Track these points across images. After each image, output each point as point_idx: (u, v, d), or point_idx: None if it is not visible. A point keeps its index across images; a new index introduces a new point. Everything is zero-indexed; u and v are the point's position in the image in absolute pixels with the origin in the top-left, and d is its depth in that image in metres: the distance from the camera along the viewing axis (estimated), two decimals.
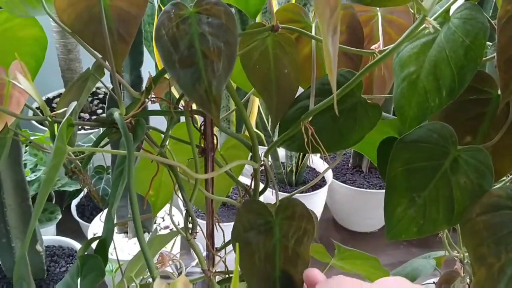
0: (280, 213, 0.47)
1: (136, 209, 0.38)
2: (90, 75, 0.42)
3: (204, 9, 0.38)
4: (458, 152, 0.44)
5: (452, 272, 0.85)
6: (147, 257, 0.35)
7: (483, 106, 0.48)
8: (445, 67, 0.43)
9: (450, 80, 0.42)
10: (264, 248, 0.45)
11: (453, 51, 0.43)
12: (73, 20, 0.37)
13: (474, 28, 0.42)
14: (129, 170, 0.37)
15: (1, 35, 0.43)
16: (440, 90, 0.42)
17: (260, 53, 0.45)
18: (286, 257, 0.45)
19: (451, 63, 0.42)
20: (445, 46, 0.43)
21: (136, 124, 0.43)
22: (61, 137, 0.34)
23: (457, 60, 0.42)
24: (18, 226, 1.00)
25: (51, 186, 0.33)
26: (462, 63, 0.41)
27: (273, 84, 0.46)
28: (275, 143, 0.50)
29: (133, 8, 0.37)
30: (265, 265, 0.45)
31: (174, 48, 0.38)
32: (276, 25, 0.44)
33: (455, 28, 0.43)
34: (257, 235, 0.46)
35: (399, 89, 0.45)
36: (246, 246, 0.46)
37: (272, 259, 0.45)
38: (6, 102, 0.38)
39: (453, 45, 0.43)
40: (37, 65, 0.46)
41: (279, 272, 0.45)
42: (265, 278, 0.45)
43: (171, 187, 0.58)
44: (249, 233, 0.46)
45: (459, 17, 0.42)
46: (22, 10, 0.39)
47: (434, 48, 0.44)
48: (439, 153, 0.45)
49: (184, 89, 0.37)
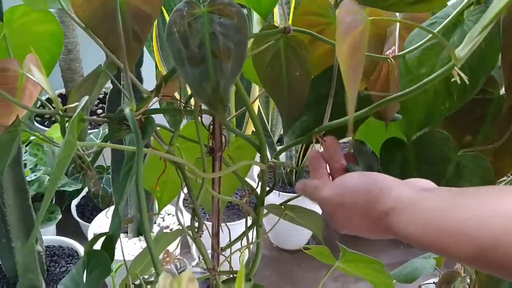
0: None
1: (144, 206, 0.38)
2: (102, 71, 0.42)
3: (217, 9, 0.38)
4: (460, 158, 0.45)
5: (452, 272, 0.86)
6: (152, 253, 0.36)
7: (485, 106, 0.49)
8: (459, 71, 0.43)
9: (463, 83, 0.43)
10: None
11: None
12: (88, 16, 0.37)
13: (489, 33, 0.42)
14: (138, 167, 0.38)
15: (18, 29, 0.43)
16: (451, 94, 0.42)
17: (272, 55, 0.45)
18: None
19: (466, 67, 0.42)
20: None
21: (146, 121, 0.43)
22: (72, 131, 0.34)
23: (471, 64, 0.41)
24: (18, 226, 0.99)
25: (60, 179, 0.33)
26: (475, 67, 0.41)
27: (284, 86, 0.47)
28: (284, 148, 0.51)
29: (147, 6, 0.38)
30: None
31: (185, 45, 0.38)
32: (288, 27, 0.44)
33: (470, 31, 0.43)
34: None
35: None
36: None
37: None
38: (20, 94, 0.38)
39: None
40: (52, 60, 0.46)
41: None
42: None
43: (176, 184, 0.58)
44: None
45: (474, 20, 0.42)
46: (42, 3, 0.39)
47: (447, 52, 0.44)
48: (441, 159, 0.45)
49: (191, 87, 0.38)
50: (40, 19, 0.43)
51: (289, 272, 1.47)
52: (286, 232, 1.50)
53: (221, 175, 0.51)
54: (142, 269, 0.60)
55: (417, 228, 0.34)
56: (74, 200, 1.46)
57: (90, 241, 0.46)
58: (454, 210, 0.33)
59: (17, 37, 0.43)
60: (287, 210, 0.57)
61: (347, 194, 0.40)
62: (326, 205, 0.42)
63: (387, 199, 0.37)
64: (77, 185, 1.37)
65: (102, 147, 0.44)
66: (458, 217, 0.32)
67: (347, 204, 0.40)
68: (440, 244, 0.33)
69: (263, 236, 0.55)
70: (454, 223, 0.33)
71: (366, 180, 0.39)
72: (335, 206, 0.41)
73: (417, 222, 0.35)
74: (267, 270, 1.47)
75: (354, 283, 1.39)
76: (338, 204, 0.41)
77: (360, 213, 0.39)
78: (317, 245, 0.63)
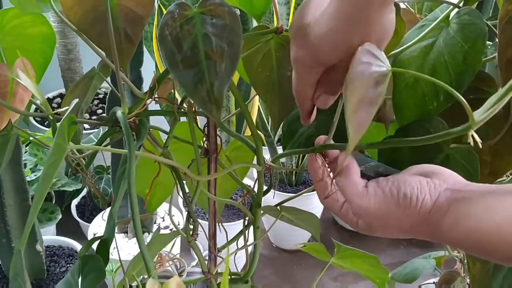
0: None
1: (135, 209, 0.38)
2: (96, 74, 0.42)
3: (208, 9, 0.38)
4: (451, 150, 0.45)
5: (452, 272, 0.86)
6: (145, 256, 0.35)
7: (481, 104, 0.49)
8: (444, 72, 0.44)
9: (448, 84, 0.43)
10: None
11: (452, 56, 0.43)
12: (79, 18, 0.37)
13: (472, 34, 0.43)
14: (130, 170, 0.37)
15: (10, 32, 0.43)
16: (438, 94, 0.43)
17: (263, 55, 0.45)
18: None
19: (450, 68, 0.43)
20: (444, 51, 0.44)
21: (139, 123, 0.43)
22: (61, 134, 0.33)
23: (455, 65, 0.42)
24: (18, 226, 1.00)
25: (50, 183, 0.33)
26: (460, 69, 0.42)
27: (275, 87, 0.46)
28: (283, 155, 0.51)
29: (140, 8, 0.37)
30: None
31: (178, 48, 0.38)
32: (280, 27, 0.44)
33: (454, 33, 0.43)
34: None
35: (398, 92, 0.46)
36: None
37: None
38: (10, 99, 0.38)
39: (451, 50, 0.43)
40: (45, 62, 0.46)
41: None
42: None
43: (168, 186, 0.57)
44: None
45: (458, 22, 0.43)
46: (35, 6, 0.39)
47: (433, 53, 0.45)
48: (432, 148, 0.45)
49: (186, 90, 0.38)
50: (32, 21, 0.43)
51: (289, 272, 1.47)
52: (285, 232, 1.50)
53: (216, 177, 0.50)
54: (140, 270, 0.60)
55: (457, 235, 0.34)
56: (74, 200, 1.46)
57: (84, 246, 0.46)
58: (489, 213, 0.33)
59: (9, 40, 0.43)
60: (284, 212, 0.56)
61: (382, 206, 0.38)
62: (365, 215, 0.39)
63: (425, 202, 0.36)
64: (77, 185, 1.38)
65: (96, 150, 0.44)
66: (494, 220, 0.32)
67: (386, 213, 0.38)
68: (480, 248, 0.33)
69: (260, 237, 0.55)
70: (491, 227, 0.32)
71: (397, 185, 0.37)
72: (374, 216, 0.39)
73: (457, 230, 0.34)
74: (267, 270, 1.47)
75: (353, 283, 1.38)
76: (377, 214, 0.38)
77: (397, 218, 0.37)
78: (313, 242, 0.63)
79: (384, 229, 0.39)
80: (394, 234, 0.39)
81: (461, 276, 0.86)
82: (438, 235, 0.35)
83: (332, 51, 0.36)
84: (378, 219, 0.38)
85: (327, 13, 0.35)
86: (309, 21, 0.36)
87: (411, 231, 0.37)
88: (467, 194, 0.35)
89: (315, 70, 0.38)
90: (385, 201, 0.37)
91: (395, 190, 0.37)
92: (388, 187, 0.38)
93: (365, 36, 0.35)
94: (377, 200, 0.37)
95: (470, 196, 0.35)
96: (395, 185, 0.37)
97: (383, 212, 0.37)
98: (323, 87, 0.40)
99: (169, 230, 1.27)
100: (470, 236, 0.33)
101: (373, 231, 0.40)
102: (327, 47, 0.36)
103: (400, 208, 0.37)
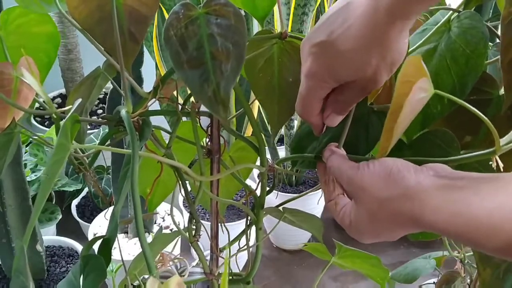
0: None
1: (138, 208, 0.38)
2: (101, 73, 0.42)
3: (213, 9, 0.38)
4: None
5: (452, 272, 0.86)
6: (147, 255, 0.35)
7: (484, 106, 0.49)
8: (446, 76, 0.44)
9: (451, 88, 0.44)
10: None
11: (454, 60, 0.44)
12: (84, 17, 0.37)
13: (474, 38, 0.43)
14: (133, 169, 0.37)
15: (15, 31, 0.43)
16: (442, 98, 0.43)
17: (265, 60, 0.45)
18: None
19: (452, 72, 0.43)
20: (446, 55, 0.44)
21: (143, 123, 0.43)
22: (64, 133, 0.33)
23: (457, 69, 0.43)
24: (18, 226, 1.00)
25: (53, 182, 0.33)
26: (463, 72, 0.42)
27: (275, 93, 0.46)
28: (286, 159, 0.51)
29: (144, 7, 0.37)
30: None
31: (183, 48, 0.38)
32: (285, 32, 0.44)
33: (455, 37, 0.44)
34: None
35: None
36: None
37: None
38: (14, 97, 0.38)
39: (453, 54, 0.44)
40: (49, 61, 0.46)
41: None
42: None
43: (169, 184, 0.57)
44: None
45: (459, 26, 0.43)
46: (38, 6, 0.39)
47: (436, 57, 0.45)
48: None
49: (192, 90, 0.38)
50: (36, 20, 0.43)
51: (290, 272, 1.47)
52: (286, 232, 1.50)
53: (218, 178, 0.50)
54: (141, 270, 0.59)
55: (442, 217, 0.33)
56: (74, 200, 1.46)
57: (86, 245, 0.46)
58: (480, 199, 0.31)
59: (13, 38, 0.43)
60: (287, 213, 0.56)
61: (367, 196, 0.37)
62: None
63: (407, 185, 0.35)
64: (77, 185, 1.38)
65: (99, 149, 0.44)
66: (485, 206, 0.31)
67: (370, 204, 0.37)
68: (468, 234, 0.32)
69: (262, 238, 0.55)
70: (480, 212, 0.31)
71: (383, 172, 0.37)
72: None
73: (443, 212, 0.33)
74: (267, 270, 1.47)
75: (353, 283, 1.39)
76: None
77: (383, 206, 0.36)
78: (314, 242, 0.63)
79: (372, 221, 0.38)
80: (380, 229, 0.38)
81: (461, 276, 0.86)
82: (421, 217, 0.34)
83: (350, 69, 0.37)
84: (368, 197, 0.38)
85: (352, 33, 0.36)
86: (334, 38, 0.37)
87: (394, 213, 0.35)
88: (458, 179, 0.34)
89: (328, 86, 0.39)
90: (374, 175, 0.37)
91: (382, 166, 0.37)
92: (377, 164, 0.38)
93: (382, 58, 0.36)
94: (366, 173, 0.38)
95: (462, 182, 0.34)
96: (381, 162, 0.38)
97: (369, 185, 0.37)
98: (331, 107, 0.42)
99: (169, 230, 1.27)
100: (457, 219, 0.32)
101: (362, 228, 0.41)
102: (347, 65, 0.37)
103: (383, 180, 0.36)
